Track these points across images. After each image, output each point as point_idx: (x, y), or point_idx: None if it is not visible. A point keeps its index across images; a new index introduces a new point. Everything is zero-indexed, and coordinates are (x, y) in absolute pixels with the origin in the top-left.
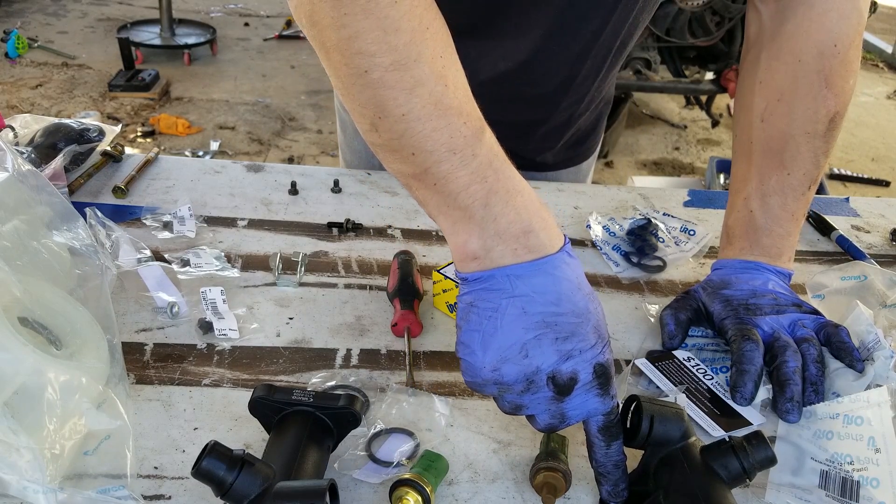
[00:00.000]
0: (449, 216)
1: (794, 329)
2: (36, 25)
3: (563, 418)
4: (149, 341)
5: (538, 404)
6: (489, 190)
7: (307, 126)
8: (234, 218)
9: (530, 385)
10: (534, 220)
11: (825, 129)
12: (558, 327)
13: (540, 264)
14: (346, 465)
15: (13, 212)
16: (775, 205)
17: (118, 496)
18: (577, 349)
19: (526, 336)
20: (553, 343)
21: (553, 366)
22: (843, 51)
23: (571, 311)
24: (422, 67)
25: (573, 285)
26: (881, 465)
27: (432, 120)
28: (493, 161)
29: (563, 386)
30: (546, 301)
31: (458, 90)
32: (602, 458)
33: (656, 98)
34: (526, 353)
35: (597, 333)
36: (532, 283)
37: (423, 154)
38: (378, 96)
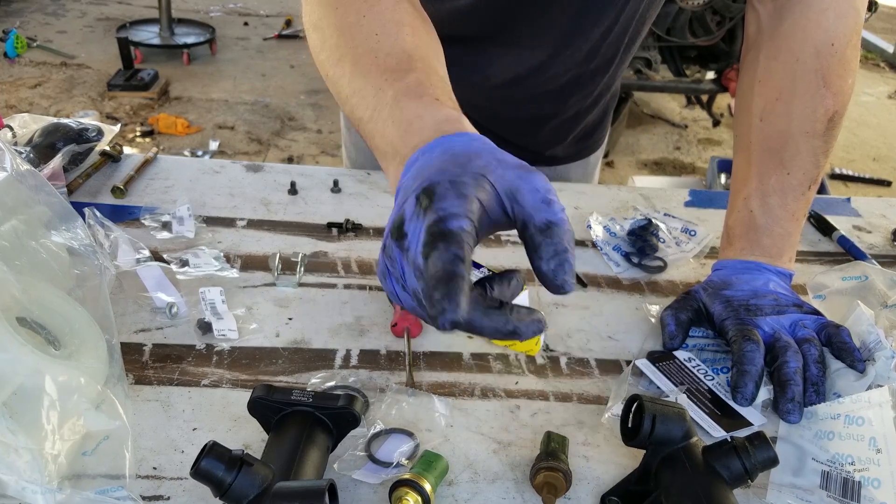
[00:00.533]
0: (386, 169)
1: (795, 329)
2: (35, 25)
3: (415, 264)
4: (148, 342)
5: (401, 264)
6: (396, 127)
7: (307, 126)
8: (233, 218)
9: (387, 251)
10: (427, 132)
11: (824, 129)
12: (410, 188)
13: (433, 144)
14: (345, 466)
15: (11, 212)
16: (775, 205)
17: (117, 497)
18: (412, 190)
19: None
20: (398, 206)
21: (393, 216)
22: (840, 50)
23: (428, 169)
24: (357, 51)
25: (456, 148)
26: (882, 465)
27: (364, 88)
28: (400, 100)
29: (396, 230)
30: (410, 176)
31: (391, 56)
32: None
33: (657, 98)
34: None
35: (440, 172)
36: (407, 173)
37: (364, 122)
38: (336, 87)
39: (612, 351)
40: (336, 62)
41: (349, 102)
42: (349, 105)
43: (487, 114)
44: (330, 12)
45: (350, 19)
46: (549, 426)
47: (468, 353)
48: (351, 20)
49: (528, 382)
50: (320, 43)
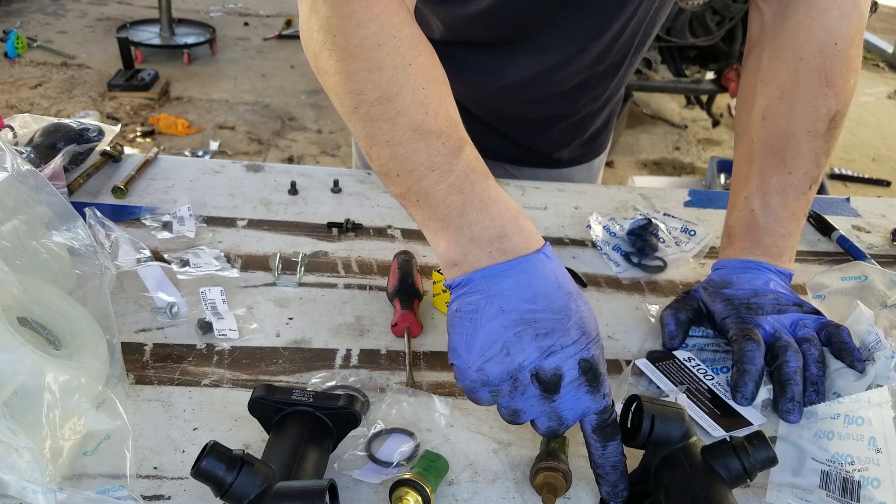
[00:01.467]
0: (431, 228)
1: (796, 329)
2: (35, 25)
3: (560, 420)
4: (148, 341)
5: (531, 406)
6: (465, 200)
7: (307, 126)
8: (233, 218)
9: (516, 384)
10: (508, 226)
11: (826, 128)
12: (537, 324)
13: (514, 264)
14: (345, 466)
15: (12, 212)
16: (776, 204)
17: (117, 496)
18: (558, 345)
19: (506, 334)
20: (533, 339)
21: (535, 362)
22: (843, 49)
23: (549, 307)
24: (403, 99)
25: (551, 283)
26: (882, 465)
27: (412, 143)
28: (470, 175)
29: (547, 382)
30: (523, 298)
31: (440, 115)
32: (599, 460)
33: (657, 98)
34: (507, 350)
35: (580, 330)
36: (508, 282)
37: (405, 174)
38: (367, 127)
39: (611, 351)
40: (376, 102)
41: (385, 150)
42: (385, 151)
43: (496, 114)
44: (370, 47)
45: (396, 62)
46: None
47: None
48: (397, 63)
49: None
50: (349, 73)
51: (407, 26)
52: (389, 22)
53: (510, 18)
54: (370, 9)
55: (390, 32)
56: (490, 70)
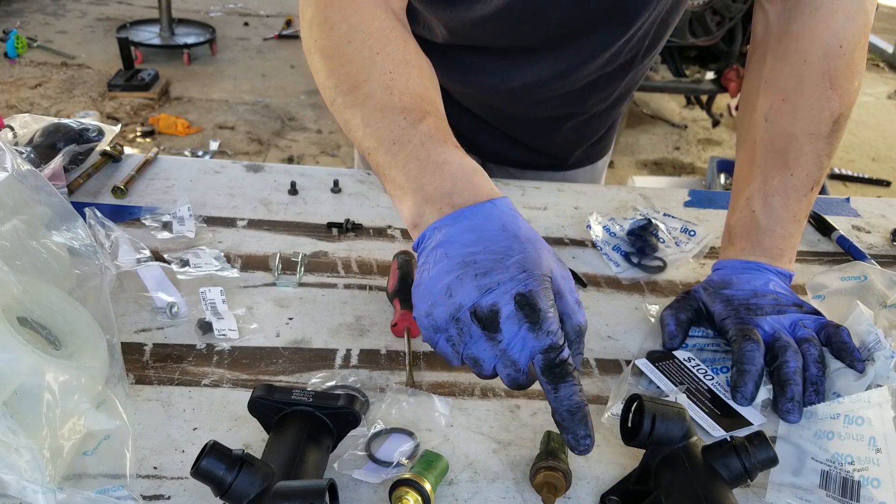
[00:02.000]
0: (396, 196)
1: (795, 329)
2: (35, 25)
3: (514, 364)
4: (148, 341)
5: (483, 350)
6: (421, 166)
7: (307, 126)
8: (233, 218)
9: (459, 324)
10: (459, 183)
11: (829, 130)
12: (477, 265)
13: (459, 213)
14: (345, 465)
15: (12, 212)
16: (777, 205)
17: (117, 496)
18: (495, 282)
19: (449, 277)
20: (473, 279)
21: (473, 300)
22: (848, 52)
23: (489, 249)
24: (370, 84)
25: (494, 227)
26: (882, 465)
27: (378, 121)
28: (426, 142)
29: (485, 319)
30: (464, 242)
31: (405, 94)
32: (554, 404)
33: (657, 98)
34: (450, 293)
35: (520, 267)
36: (452, 230)
37: (374, 151)
38: (345, 114)
39: (611, 351)
40: (348, 91)
41: (359, 131)
42: (359, 133)
43: (504, 115)
44: (342, 44)
45: (364, 54)
46: (549, 426)
47: None
48: (365, 55)
49: None
50: (328, 70)
51: (377, 21)
52: (359, 20)
53: (514, 25)
54: (342, 11)
55: (359, 29)
56: (498, 73)
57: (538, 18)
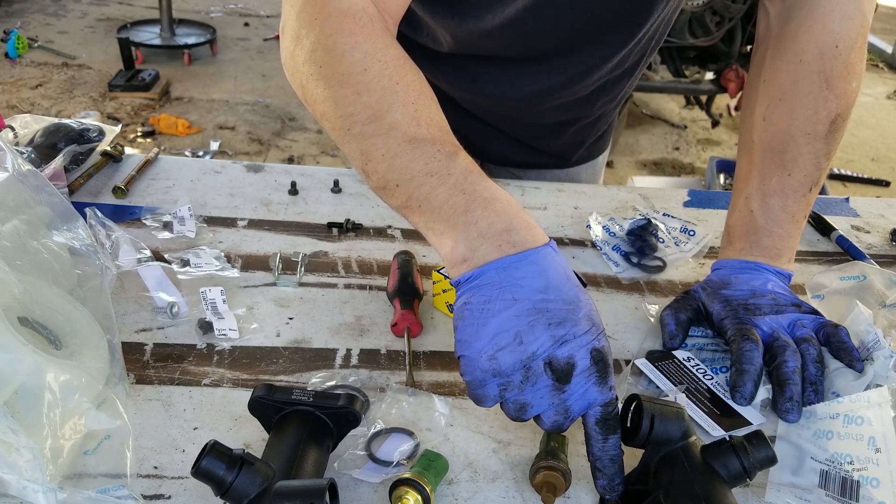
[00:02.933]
0: (435, 230)
1: (794, 329)
2: (36, 25)
3: (566, 412)
4: (149, 341)
5: (540, 398)
6: (468, 199)
7: (307, 126)
8: (234, 218)
9: (528, 373)
10: (514, 220)
11: (826, 131)
12: (550, 313)
13: (525, 255)
14: (345, 465)
15: (13, 212)
16: (776, 206)
17: (118, 496)
18: (570, 334)
19: (519, 323)
20: (546, 328)
21: (549, 350)
22: (844, 52)
23: (561, 297)
24: (394, 114)
25: (561, 275)
26: (881, 464)
27: (408, 153)
28: (469, 176)
29: (560, 371)
30: (535, 288)
31: (432, 125)
32: (598, 452)
33: (656, 98)
34: (520, 339)
35: (590, 321)
36: (519, 273)
37: (404, 183)
38: (362, 145)
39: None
40: (367, 121)
41: (383, 163)
42: (382, 165)
43: (510, 121)
44: (357, 72)
45: (384, 83)
46: None
47: None
48: (385, 84)
49: None
50: (338, 98)
51: (392, 50)
52: (373, 48)
53: (524, 34)
54: (353, 38)
55: (375, 57)
56: (507, 82)
57: (549, 27)
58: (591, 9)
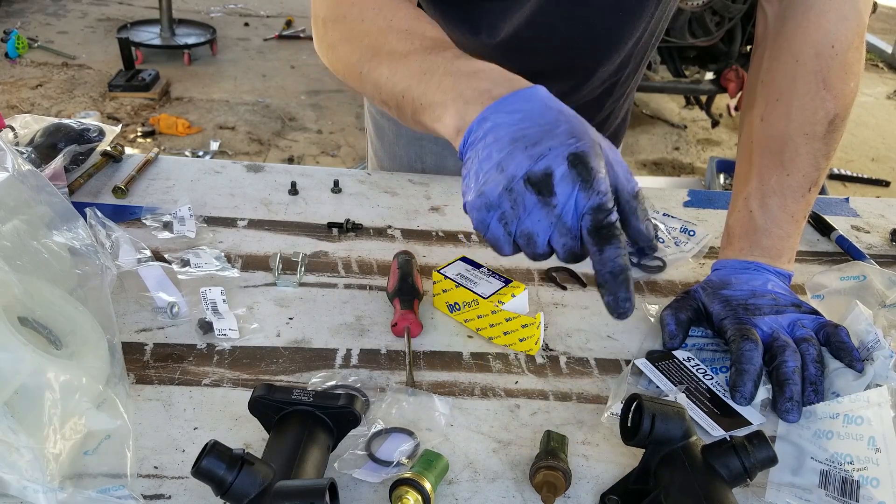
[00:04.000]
0: (437, 118)
1: (794, 329)
2: (36, 25)
3: (568, 230)
4: (149, 341)
5: (537, 220)
6: (455, 79)
7: (307, 126)
8: (234, 218)
9: (513, 195)
10: (497, 80)
11: (824, 131)
12: (527, 138)
13: (501, 101)
14: (346, 465)
15: (13, 212)
16: (775, 206)
17: (118, 496)
18: (547, 148)
19: (499, 155)
20: (524, 151)
21: (526, 168)
22: (841, 52)
23: (537, 122)
24: (390, 43)
25: (538, 104)
26: (881, 464)
27: (405, 65)
28: (455, 60)
29: (539, 183)
30: (510, 122)
31: (426, 39)
32: (597, 266)
33: (656, 98)
34: (501, 168)
35: (570, 134)
36: (499, 117)
37: (408, 91)
38: (372, 80)
39: (611, 350)
40: (371, 58)
41: (388, 83)
42: (388, 85)
43: None
44: (356, 24)
45: (380, 24)
46: (549, 425)
47: (468, 352)
48: (381, 24)
49: (528, 382)
50: (349, 52)
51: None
52: (366, 2)
53: (528, 48)
54: (352, 2)
55: (369, 7)
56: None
57: (545, 36)
58: (584, 17)
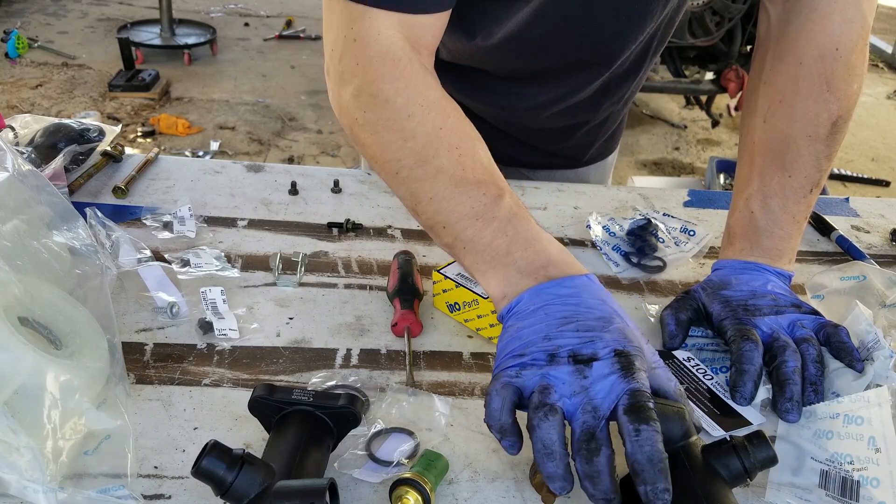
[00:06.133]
0: (480, 271)
1: (794, 329)
2: (36, 25)
3: (593, 409)
4: (149, 341)
5: (563, 383)
6: (510, 241)
7: (307, 126)
8: (234, 218)
9: (552, 359)
10: (553, 257)
11: (827, 133)
12: (580, 322)
13: (560, 281)
14: (346, 465)
15: (13, 212)
16: (776, 207)
17: (118, 496)
18: (598, 336)
19: (548, 329)
20: (575, 331)
21: (574, 346)
22: (845, 55)
23: (592, 314)
24: (440, 159)
25: (595, 297)
26: (881, 464)
27: (455, 197)
28: (513, 219)
29: (581, 360)
30: (567, 304)
31: (476, 168)
32: (631, 448)
33: (656, 98)
34: (548, 337)
35: (621, 333)
36: (552, 292)
37: (451, 225)
38: (410, 188)
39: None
40: (414, 166)
41: (431, 206)
42: (430, 208)
43: (518, 127)
44: (402, 118)
45: (427, 128)
46: None
47: (468, 352)
48: (429, 129)
49: None
50: (385, 144)
51: (433, 91)
52: (415, 93)
53: (521, 52)
54: (395, 84)
55: (417, 102)
56: (512, 93)
57: (544, 41)
58: (583, 20)
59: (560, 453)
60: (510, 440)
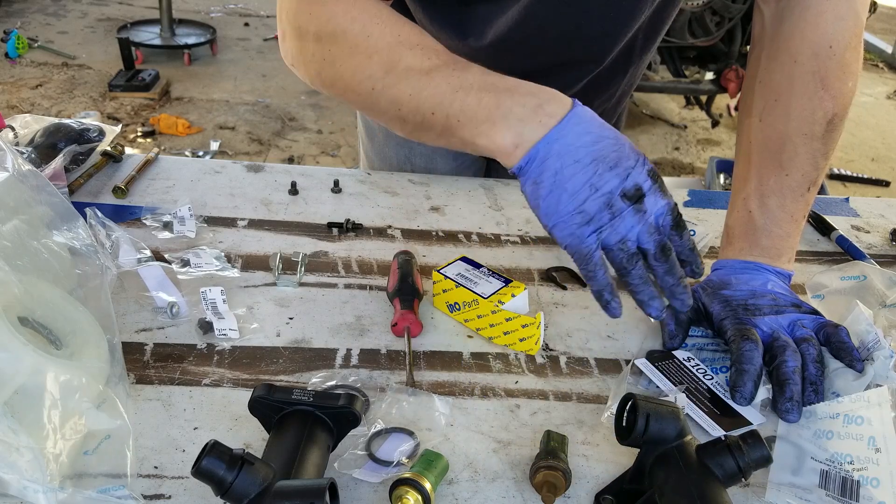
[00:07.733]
0: (482, 133)
1: (794, 329)
2: (36, 25)
3: (656, 229)
4: (149, 341)
5: (631, 226)
6: (496, 95)
7: (307, 126)
8: (234, 218)
9: (612, 209)
10: (540, 96)
11: (823, 131)
12: (607, 158)
13: (566, 121)
14: (346, 465)
15: (13, 212)
16: (774, 206)
17: (118, 496)
18: (628, 167)
19: (587, 176)
20: (610, 171)
21: (619, 185)
22: (839, 52)
23: (608, 143)
24: (405, 60)
25: (598, 123)
26: (881, 464)
27: (431, 82)
28: (487, 77)
29: (634, 196)
30: (586, 143)
31: (441, 54)
32: (679, 247)
33: (656, 98)
34: (595, 187)
35: (633, 151)
36: (569, 138)
37: (438, 107)
38: (389, 96)
39: (611, 350)
40: (385, 75)
41: (413, 102)
42: (413, 104)
43: None
44: (361, 40)
45: (388, 40)
46: (549, 425)
47: (468, 352)
48: (389, 41)
49: (528, 382)
50: (353, 67)
51: (384, 11)
52: (368, 15)
53: (517, 51)
54: (349, 14)
55: (372, 21)
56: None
57: (534, 40)
58: (573, 19)
59: (648, 279)
60: (618, 299)
